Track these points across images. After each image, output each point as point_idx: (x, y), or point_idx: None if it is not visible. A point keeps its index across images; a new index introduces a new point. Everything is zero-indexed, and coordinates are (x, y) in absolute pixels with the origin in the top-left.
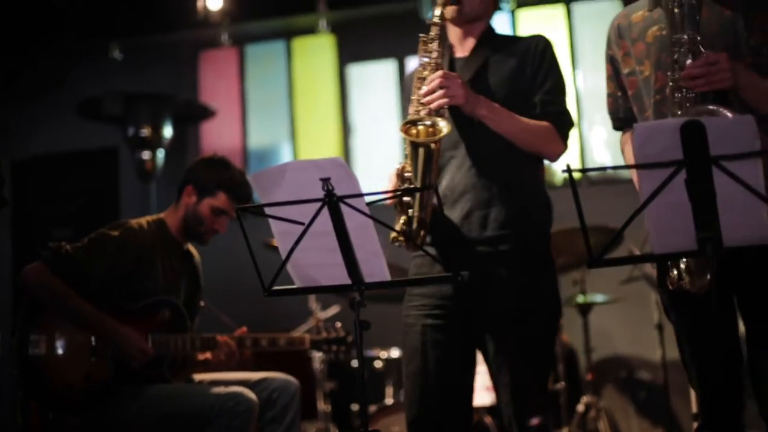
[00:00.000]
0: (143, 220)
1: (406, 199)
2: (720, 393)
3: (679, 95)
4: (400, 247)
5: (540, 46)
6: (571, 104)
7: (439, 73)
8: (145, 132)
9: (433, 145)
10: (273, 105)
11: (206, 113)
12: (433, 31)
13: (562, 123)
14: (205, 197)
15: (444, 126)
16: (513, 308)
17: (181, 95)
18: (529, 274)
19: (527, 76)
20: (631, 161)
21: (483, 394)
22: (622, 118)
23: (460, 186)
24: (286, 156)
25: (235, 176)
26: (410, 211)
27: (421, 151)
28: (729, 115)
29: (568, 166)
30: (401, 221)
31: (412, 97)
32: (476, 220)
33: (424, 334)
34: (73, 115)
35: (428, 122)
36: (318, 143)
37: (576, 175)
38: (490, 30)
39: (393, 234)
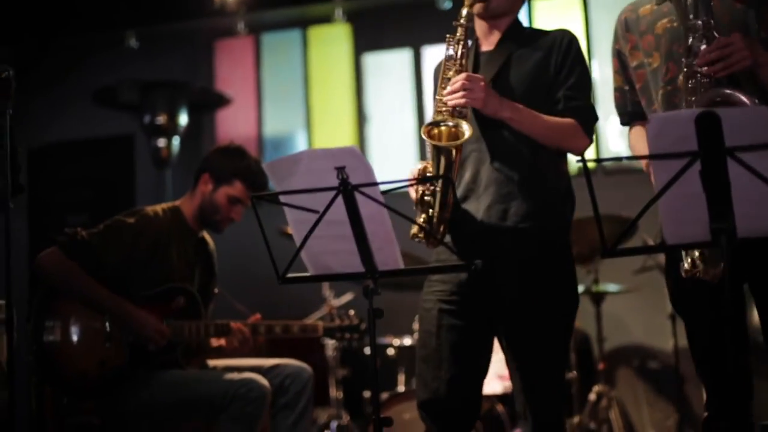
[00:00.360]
0: (158, 208)
1: (427, 198)
2: (729, 383)
3: (693, 81)
4: (420, 243)
5: (565, 41)
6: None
7: (463, 75)
8: (161, 120)
9: (454, 150)
10: (288, 94)
11: (222, 101)
12: (459, 32)
13: (586, 118)
14: (221, 186)
15: (466, 129)
16: (530, 300)
17: (197, 83)
18: (547, 266)
19: (551, 70)
20: (640, 153)
21: (494, 382)
22: (630, 112)
23: (483, 180)
24: (301, 145)
25: (251, 165)
26: (430, 210)
27: (442, 153)
28: (744, 98)
29: (582, 156)
30: (421, 219)
31: (436, 97)
32: (496, 213)
33: (440, 318)
34: (89, 103)
35: (451, 123)
36: (333, 132)
37: (590, 164)
38: (516, 24)
39: (413, 231)
